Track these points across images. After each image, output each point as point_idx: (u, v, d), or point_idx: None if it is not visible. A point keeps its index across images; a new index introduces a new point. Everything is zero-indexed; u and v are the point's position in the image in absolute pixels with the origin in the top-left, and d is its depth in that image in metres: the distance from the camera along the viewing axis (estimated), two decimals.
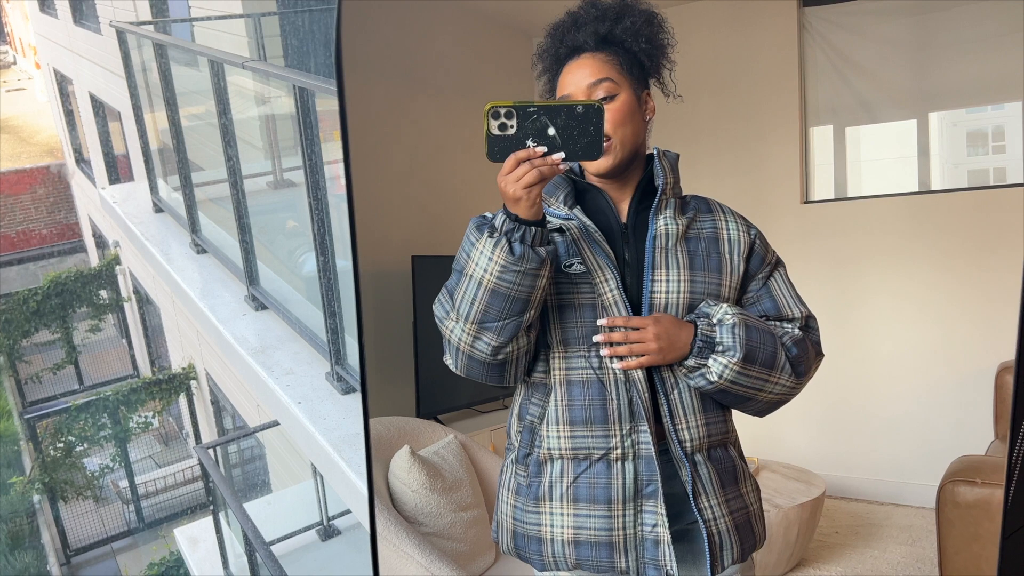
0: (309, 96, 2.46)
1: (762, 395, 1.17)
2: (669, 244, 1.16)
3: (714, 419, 1.18)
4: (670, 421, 1.14)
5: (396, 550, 1.58)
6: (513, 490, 1.20)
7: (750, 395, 1.16)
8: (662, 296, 1.15)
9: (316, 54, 3.34)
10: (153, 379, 6.90)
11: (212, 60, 3.07)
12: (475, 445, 2.05)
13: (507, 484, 1.22)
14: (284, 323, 2.94)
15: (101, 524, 7.49)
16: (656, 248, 1.16)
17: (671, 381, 1.15)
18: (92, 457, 7.34)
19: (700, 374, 1.13)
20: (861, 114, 3.32)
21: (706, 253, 1.18)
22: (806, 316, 1.23)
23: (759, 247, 1.22)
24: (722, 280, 1.18)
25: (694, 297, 1.15)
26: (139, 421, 7.21)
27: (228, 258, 3.45)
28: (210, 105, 3.26)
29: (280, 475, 4.99)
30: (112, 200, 4.65)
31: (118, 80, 5.26)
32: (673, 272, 1.15)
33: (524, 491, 1.18)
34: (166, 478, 7.48)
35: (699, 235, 1.19)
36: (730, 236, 1.20)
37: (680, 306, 1.15)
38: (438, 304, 1.11)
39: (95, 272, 8.14)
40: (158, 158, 4.51)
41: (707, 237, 1.19)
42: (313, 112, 2.47)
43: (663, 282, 1.15)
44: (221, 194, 3.51)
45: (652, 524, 1.13)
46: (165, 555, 6.21)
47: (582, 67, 1.15)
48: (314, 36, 3.34)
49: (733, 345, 1.12)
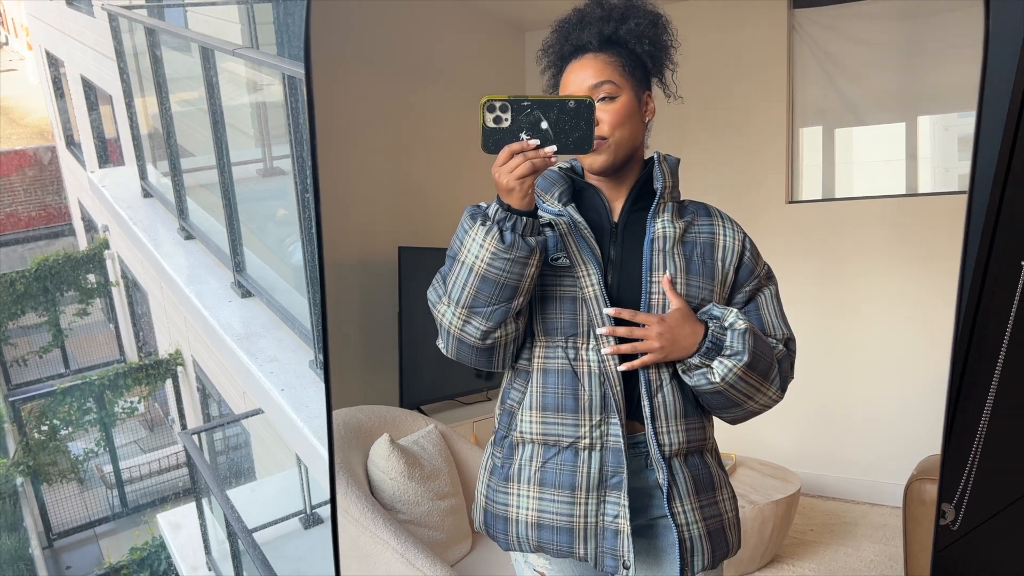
0: (299, 84, 2.46)
1: (750, 403, 1.19)
2: (667, 247, 1.18)
3: (694, 425, 1.20)
4: (651, 423, 1.16)
5: (373, 536, 1.60)
6: (489, 470, 1.24)
7: (740, 401, 1.18)
8: (659, 297, 1.16)
9: None
10: (139, 364, 6.89)
11: (202, 46, 3.06)
12: (455, 435, 2.07)
13: (485, 464, 1.25)
14: (269, 310, 2.94)
15: (84, 508, 7.48)
16: (655, 250, 1.17)
17: (657, 383, 1.16)
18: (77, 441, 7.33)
19: (702, 373, 1.14)
20: (849, 116, 3.34)
21: (701, 258, 1.19)
22: (787, 338, 1.24)
23: (748, 258, 1.22)
24: (714, 286, 1.19)
25: (690, 300, 1.16)
26: (124, 406, 7.20)
27: (215, 244, 3.45)
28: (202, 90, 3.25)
29: (265, 462, 4.99)
30: (101, 184, 4.64)
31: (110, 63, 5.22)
32: (670, 274, 1.17)
33: (497, 471, 1.22)
34: (151, 464, 7.48)
35: (696, 239, 1.20)
36: (725, 243, 1.22)
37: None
38: (432, 289, 1.14)
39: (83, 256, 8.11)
40: (148, 143, 4.49)
41: (703, 242, 1.21)
42: (303, 100, 2.47)
43: (660, 283, 1.16)
44: (211, 180, 3.50)
45: (614, 515, 1.15)
46: (148, 540, 6.21)
47: (585, 67, 1.17)
48: None
49: (742, 350, 1.13)
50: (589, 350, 1.15)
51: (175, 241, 3.74)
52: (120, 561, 6.28)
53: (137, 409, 7.62)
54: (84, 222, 9.69)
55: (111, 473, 7.33)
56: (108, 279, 8.24)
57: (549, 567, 1.22)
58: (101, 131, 7.87)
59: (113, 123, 6.92)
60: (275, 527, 3.92)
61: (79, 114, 8.26)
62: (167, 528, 4.93)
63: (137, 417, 8.01)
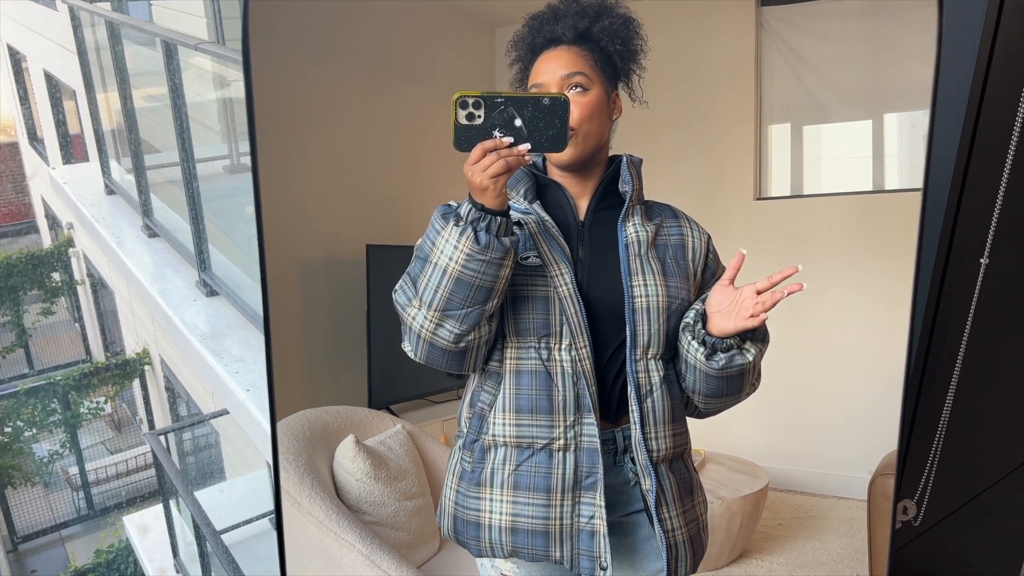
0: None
1: (747, 391, 1.20)
2: (642, 251, 1.18)
3: (680, 430, 1.20)
4: (640, 429, 1.15)
5: (337, 539, 1.58)
6: (457, 475, 1.21)
7: (745, 386, 1.18)
8: (643, 300, 1.16)
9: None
10: (106, 364, 6.77)
11: (165, 41, 3.01)
12: (423, 435, 2.05)
13: (453, 469, 1.23)
14: (235, 310, 2.90)
15: (50, 511, 7.35)
16: (630, 255, 1.17)
17: (647, 387, 1.16)
18: (42, 443, 7.19)
19: (732, 355, 1.12)
20: (817, 113, 3.37)
21: (674, 260, 1.20)
22: None
23: (712, 260, 1.24)
24: (689, 286, 1.20)
25: (670, 300, 1.17)
26: (90, 407, 7.08)
27: (180, 242, 3.40)
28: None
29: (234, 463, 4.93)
30: (63, 181, 4.55)
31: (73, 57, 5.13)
32: (650, 277, 1.17)
33: (467, 476, 1.19)
34: (117, 465, 7.36)
35: (667, 242, 1.21)
36: (694, 245, 1.23)
37: (660, 309, 1.16)
38: (400, 291, 1.10)
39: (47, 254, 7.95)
40: (112, 139, 4.41)
41: (674, 244, 1.21)
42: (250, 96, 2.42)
43: (642, 287, 1.16)
44: (178, 176, 3.44)
45: (589, 515, 1.14)
46: (114, 542, 6.11)
47: (558, 58, 1.16)
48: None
49: (766, 334, 1.16)
50: (562, 350, 1.14)
51: (139, 239, 3.68)
52: (86, 564, 6.17)
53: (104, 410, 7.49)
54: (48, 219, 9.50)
55: (77, 475, 7.21)
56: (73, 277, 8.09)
57: (517, 571, 1.21)
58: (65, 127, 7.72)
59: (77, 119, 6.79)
60: (245, 528, 3.88)
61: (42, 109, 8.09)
62: (134, 530, 4.86)
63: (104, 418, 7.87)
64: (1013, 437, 1.85)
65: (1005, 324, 1.60)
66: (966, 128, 1.16)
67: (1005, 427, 1.77)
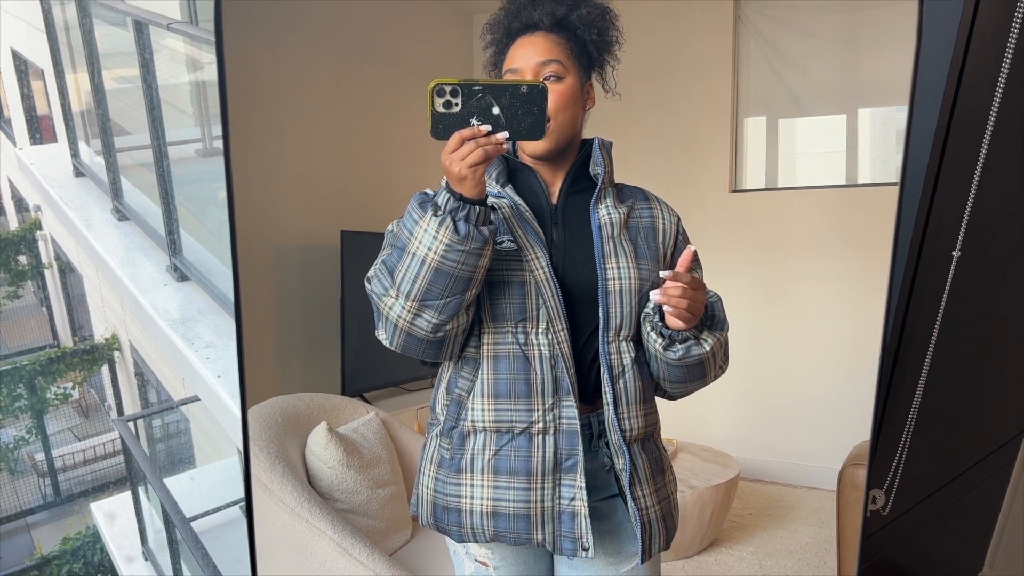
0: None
1: (713, 374, 1.21)
2: (614, 233, 1.18)
3: (650, 410, 1.22)
4: (613, 409, 1.16)
5: (309, 526, 1.57)
6: (436, 463, 1.21)
7: (708, 373, 1.19)
8: (616, 283, 1.17)
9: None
10: (74, 349, 6.66)
11: (135, 20, 2.95)
12: (396, 423, 2.04)
13: (430, 457, 1.22)
14: (206, 295, 2.87)
15: (15, 497, 7.23)
16: (603, 237, 1.17)
17: (619, 368, 1.17)
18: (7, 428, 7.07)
19: (689, 345, 1.14)
20: (793, 107, 3.39)
21: (646, 242, 1.21)
22: None
23: (682, 241, 1.25)
24: (660, 267, 1.21)
25: (642, 282, 1.18)
26: (57, 392, 6.96)
27: (151, 226, 3.35)
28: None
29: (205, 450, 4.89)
30: (30, 162, 4.45)
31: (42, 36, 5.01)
32: (622, 259, 1.18)
33: (447, 463, 1.19)
34: (85, 451, 7.26)
35: (638, 224, 1.22)
36: (664, 227, 1.24)
37: (632, 291, 1.17)
38: (375, 280, 1.09)
39: (13, 237, 7.79)
40: (81, 120, 4.32)
41: (645, 226, 1.22)
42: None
43: (615, 269, 1.17)
44: (149, 159, 3.39)
45: (570, 497, 1.15)
46: (81, 530, 6.03)
47: (534, 43, 1.16)
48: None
49: (724, 319, 1.17)
50: (539, 334, 1.14)
51: (108, 222, 3.62)
52: (52, 552, 6.09)
53: (71, 395, 7.38)
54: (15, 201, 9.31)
55: (43, 461, 7.10)
56: (40, 261, 7.94)
57: (491, 556, 1.21)
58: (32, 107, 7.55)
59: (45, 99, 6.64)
60: (215, 515, 3.84)
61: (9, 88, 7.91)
62: (101, 518, 4.79)
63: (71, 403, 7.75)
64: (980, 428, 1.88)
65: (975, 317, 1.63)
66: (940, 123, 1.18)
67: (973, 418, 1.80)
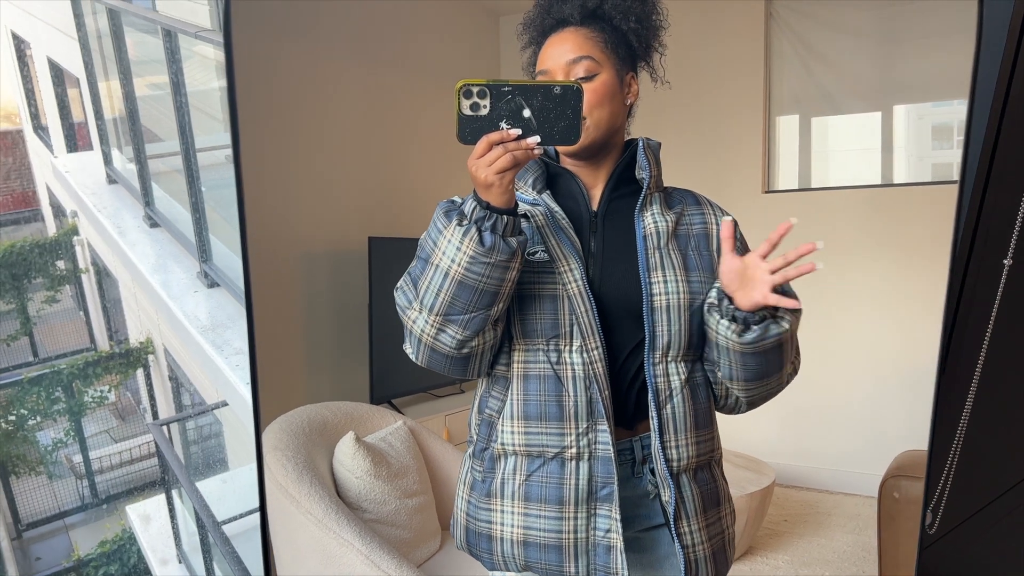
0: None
1: (788, 369, 1.13)
2: (661, 243, 1.12)
3: (705, 436, 1.14)
4: (659, 437, 1.09)
5: (336, 537, 1.55)
6: (469, 484, 1.16)
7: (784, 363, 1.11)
8: (662, 298, 1.10)
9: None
10: (110, 353, 6.76)
11: (164, 28, 2.98)
12: (425, 431, 2.02)
13: (464, 478, 1.18)
14: (236, 301, 2.88)
15: (54, 499, 7.35)
16: (649, 248, 1.11)
17: (666, 392, 1.10)
18: (46, 431, 7.19)
19: (768, 324, 1.06)
20: (826, 105, 3.33)
21: (697, 251, 1.14)
22: None
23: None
24: (714, 278, 1.14)
25: (693, 297, 1.11)
26: (94, 395, 7.08)
27: (182, 233, 3.38)
28: None
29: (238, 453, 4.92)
30: (65, 170, 4.53)
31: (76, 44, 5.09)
32: (669, 272, 1.11)
33: (478, 486, 1.14)
34: (121, 453, 7.36)
35: (688, 232, 1.15)
36: (718, 233, 1.17)
37: (682, 307, 1.11)
38: (400, 292, 1.05)
39: (52, 242, 7.93)
40: (113, 128, 4.38)
41: (697, 234, 1.15)
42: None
43: (661, 283, 1.10)
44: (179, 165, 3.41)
45: (605, 529, 1.08)
46: (117, 532, 6.11)
47: (564, 41, 1.10)
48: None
49: (797, 298, 1.09)
50: (572, 352, 1.07)
51: (140, 229, 3.66)
52: (89, 554, 6.18)
53: (108, 398, 7.50)
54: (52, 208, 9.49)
55: (81, 463, 7.22)
56: (77, 266, 8.09)
57: None
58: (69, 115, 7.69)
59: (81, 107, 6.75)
60: (247, 519, 3.86)
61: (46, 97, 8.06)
62: (136, 520, 4.86)
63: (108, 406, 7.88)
64: None
65: None
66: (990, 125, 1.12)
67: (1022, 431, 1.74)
